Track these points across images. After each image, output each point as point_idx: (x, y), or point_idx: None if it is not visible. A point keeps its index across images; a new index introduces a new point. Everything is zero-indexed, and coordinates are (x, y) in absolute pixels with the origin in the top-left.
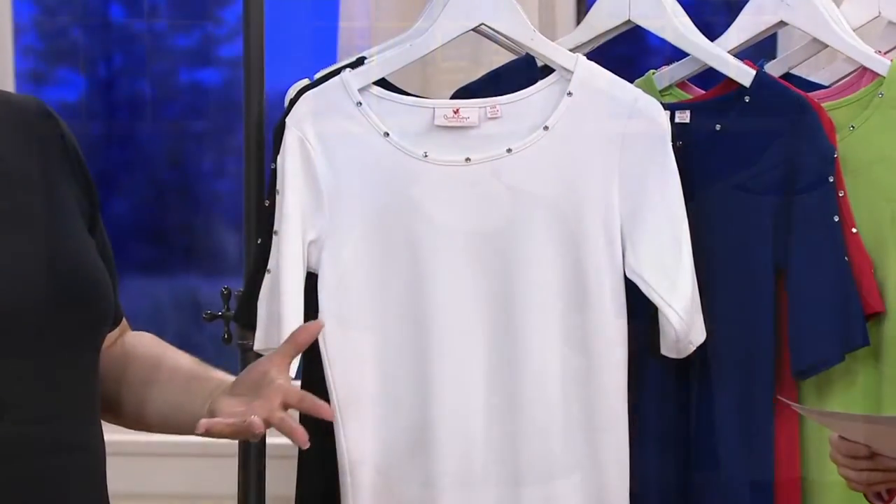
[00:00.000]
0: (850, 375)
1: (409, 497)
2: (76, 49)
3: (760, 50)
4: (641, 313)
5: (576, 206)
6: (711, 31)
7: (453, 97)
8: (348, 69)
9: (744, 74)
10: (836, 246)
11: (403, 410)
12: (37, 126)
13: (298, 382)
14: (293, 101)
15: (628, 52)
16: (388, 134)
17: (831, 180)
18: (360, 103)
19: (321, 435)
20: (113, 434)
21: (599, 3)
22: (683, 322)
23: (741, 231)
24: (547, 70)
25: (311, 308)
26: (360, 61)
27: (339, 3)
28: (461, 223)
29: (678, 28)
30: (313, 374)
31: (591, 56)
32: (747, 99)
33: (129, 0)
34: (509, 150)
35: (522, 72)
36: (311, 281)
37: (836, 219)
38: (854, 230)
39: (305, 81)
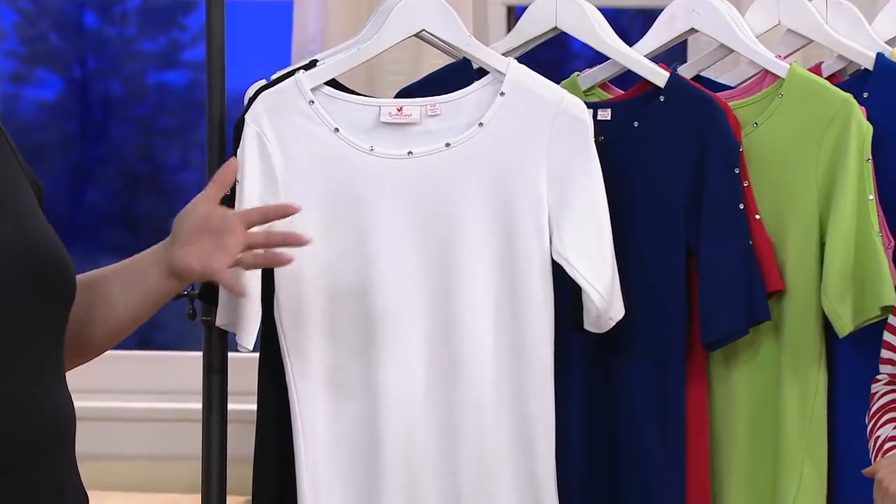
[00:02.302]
0: (754, 347)
1: (359, 455)
2: (54, 53)
3: (673, 54)
4: (567, 292)
5: (508, 195)
6: (629, 38)
7: (397, 97)
8: (302, 70)
9: (658, 76)
10: (741, 231)
11: (352, 378)
12: None
13: (257, 354)
14: (251, 100)
15: (555, 57)
16: (338, 129)
17: (737, 171)
18: (313, 101)
19: (278, 400)
20: (86, 401)
21: (529, 12)
22: (604, 300)
23: (656, 217)
24: (482, 72)
25: (268, 287)
26: (312, 63)
27: (293, 11)
28: (404, 211)
29: (600, 35)
30: (270, 344)
31: (522, 60)
32: (662, 98)
33: (101, 8)
34: (448, 145)
35: (459, 74)
36: None
37: (742, 206)
38: (757, 216)
39: (263, 82)
